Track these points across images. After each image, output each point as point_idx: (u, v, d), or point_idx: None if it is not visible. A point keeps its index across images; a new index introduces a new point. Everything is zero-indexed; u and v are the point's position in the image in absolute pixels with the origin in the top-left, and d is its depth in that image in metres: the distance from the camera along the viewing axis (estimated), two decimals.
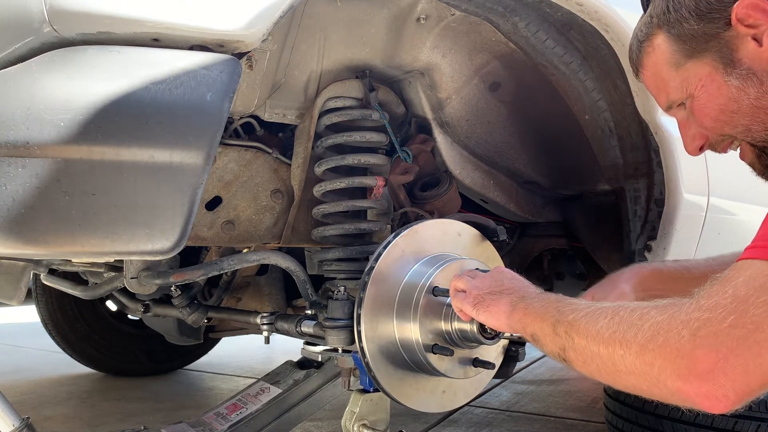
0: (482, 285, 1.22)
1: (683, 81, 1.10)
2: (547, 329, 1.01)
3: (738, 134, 1.09)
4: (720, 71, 1.05)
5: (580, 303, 1.01)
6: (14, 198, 0.98)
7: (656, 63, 1.13)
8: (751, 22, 1.00)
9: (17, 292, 1.40)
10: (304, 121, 1.67)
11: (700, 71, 1.07)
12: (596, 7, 1.52)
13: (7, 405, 1.46)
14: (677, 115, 1.17)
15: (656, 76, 1.15)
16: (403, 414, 2.54)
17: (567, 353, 0.97)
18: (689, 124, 1.15)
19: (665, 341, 0.82)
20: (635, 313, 0.89)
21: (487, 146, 1.92)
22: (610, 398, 2.29)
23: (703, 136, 1.14)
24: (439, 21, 1.59)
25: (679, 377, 0.80)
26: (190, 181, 1.08)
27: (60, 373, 3.70)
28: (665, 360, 0.82)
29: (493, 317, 1.17)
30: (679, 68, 1.10)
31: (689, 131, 1.16)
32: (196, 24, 1.09)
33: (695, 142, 1.16)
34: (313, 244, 1.78)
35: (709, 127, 1.11)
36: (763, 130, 1.05)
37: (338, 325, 1.51)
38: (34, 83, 0.99)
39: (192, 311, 2.04)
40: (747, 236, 2.21)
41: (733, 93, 1.04)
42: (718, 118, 1.08)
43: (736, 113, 1.06)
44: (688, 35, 1.06)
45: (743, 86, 1.03)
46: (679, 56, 1.09)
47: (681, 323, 0.82)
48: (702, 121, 1.11)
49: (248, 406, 1.90)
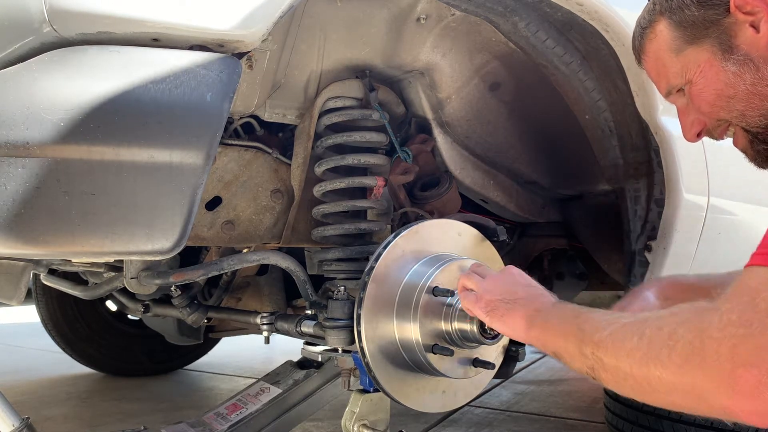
0: (494, 289, 1.20)
1: (683, 66, 1.12)
2: (572, 349, 1.00)
3: (733, 119, 1.11)
4: (718, 57, 1.07)
5: (599, 317, 1.00)
6: (14, 198, 0.97)
7: (658, 49, 1.15)
8: (749, 9, 1.02)
9: (17, 292, 1.40)
10: (304, 121, 1.67)
11: (700, 57, 1.09)
12: (596, 7, 1.52)
13: (7, 405, 1.46)
14: (677, 102, 1.19)
15: (657, 62, 1.17)
16: (403, 414, 2.54)
17: (597, 373, 0.96)
18: (688, 110, 1.17)
19: (703, 361, 0.80)
20: (662, 331, 0.87)
21: (487, 146, 1.92)
22: (610, 398, 2.29)
23: (701, 122, 1.16)
24: (439, 21, 1.59)
25: (724, 396, 0.79)
26: (189, 181, 1.08)
27: (60, 373, 3.70)
28: (707, 380, 0.80)
29: (509, 329, 1.16)
30: (680, 54, 1.12)
31: (688, 117, 1.18)
32: (196, 24, 1.08)
33: (693, 128, 1.17)
34: (313, 244, 1.78)
35: (706, 112, 1.13)
36: (757, 116, 1.07)
37: (338, 325, 1.51)
38: (33, 83, 0.99)
39: (192, 311, 2.04)
40: (747, 236, 2.21)
41: (730, 78, 1.06)
42: (714, 103, 1.10)
43: (732, 98, 1.08)
44: (689, 21, 1.09)
45: (740, 72, 1.05)
46: (680, 42, 1.11)
47: (715, 342, 0.80)
48: (699, 105, 1.13)
49: (248, 406, 1.90)
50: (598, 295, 2.84)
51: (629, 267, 1.89)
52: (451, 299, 1.42)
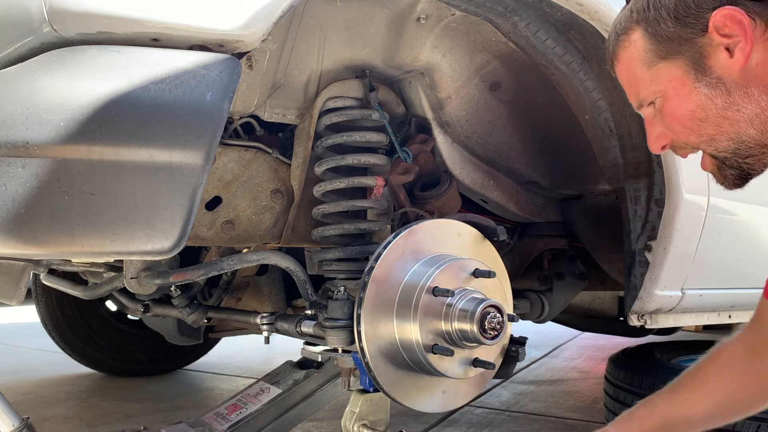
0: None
1: (653, 80, 1.11)
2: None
3: (702, 144, 1.10)
4: (691, 76, 1.06)
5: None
6: (14, 198, 0.97)
7: (631, 59, 1.14)
8: (726, 32, 1.01)
9: (17, 292, 1.40)
10: (303, 121, 1.67)
11: (672, 73, 1.08)
12: (596, 7, 1.52)
13: (6, 405, 1.46)
14: (645, 113, 1.18)
15: (629, 72, 1.16)
16: (403, 414, 2.54)
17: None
18: (655, 122, 1.16)
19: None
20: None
21: (487, 146, 1.92)
22: (610, 398, 2.29)
23: (668, 137, 1.15)
24: (439, 21, 1.59)
25: None
26: (189, 181, 1.08)
27: (60, 373, 3.70)
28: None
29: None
30: (651, 67, 1.11)
31: (655, 129, 1.16)
32: (196, 24, 1.08)
33: (659, 141, 1.16)
34: (313, 244, 1.78)
35: (676, 131, 1.12)
36: (726, 140, 1.07)
37: (338, 325, 1.51)
38: (33, 83, 0.99)
39: (192, 311, 2.04)
40: (747, 236, 2.21)
41: (702, 100, 1.06)
42: (686, 125, 1.09)
43: (703, 121, 1.07)
44: (664, 36, 1.07)
45: (712, 95, 1.04)
46: (652, 56, 1.10)
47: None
48: (671, 124, 1.12)
49: (248, 406, 1.90)
50: (598, 295, 2.85)
51: (629, 267, 1.89)
52: (451, 299, 1.42)
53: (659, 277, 1.85)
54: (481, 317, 1.39)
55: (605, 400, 2.35)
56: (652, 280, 1.86)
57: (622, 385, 2.22)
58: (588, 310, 2.90)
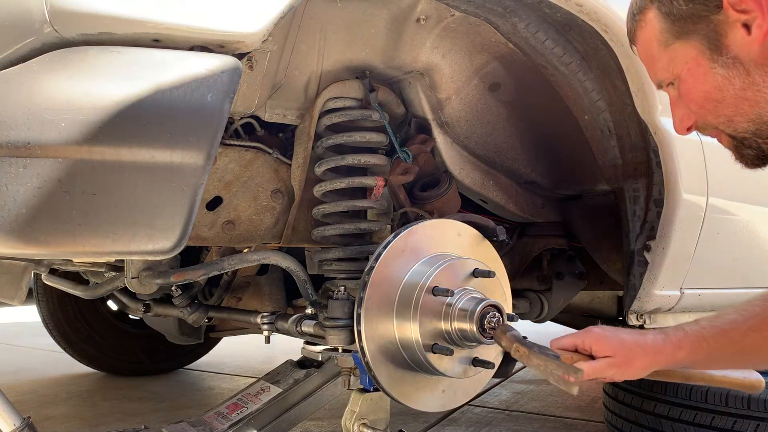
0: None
1: (670, 61, 1.09)
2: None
3: (720, 124, 1.08)
4: (706, 56, 1.03)
5: None
6: (15, 198, 0.98)
7: (647, 39, 1.12)
8: (743, 8, 0.97)
9: (18, 292, 1.41)
10: (304, 121, 1.68)
11: (687, 53, 1.05)
12: (595, 8, 1.52)
13: (7, 405, 1.47)
14: (669, 93, 1.16)
15: (647, 52, 1.14)
16: (403, 413, 2.54)
17: None
18: (679, 104, 1.13)
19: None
20: None
21: (486, 146, 1.92)
22: (609, 397, 2.29)
23: (692, 117, 1.13)
24: (439, 21, 1.59)
25: None
26: (190, 181, 1.09)
27: (61, 372, 3.71)
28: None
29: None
30: (667, 48, 1.08)
31: (678, 111, 1.15)
32: (197, 25, 1.09)
33: (684, 122, 1.14)
34: (313, 244, 1.79)
35: (695, 111, 1.10)
36: (745, 122, 1.04)
37: (338, 325, 1.52)
38: (35, 84, 1.00)
39: (192, 311, 2.05)
40: (746, 236, 2.21)
41: (719, 81, 1.02)
42: (703, 105, 1.07)
43: (720, 103, 1.04)
44: (678, 15, 1.04)
45: (729, 75, 1.01)
46: (667, 35, 1.07)
47: None
48: (689, 104, 1.10)
49: (249, 406, 1.91)
50: (597, 295, 2.85)
51: (628, 267, 1.89)
52: (451, 299, 1.42)
53: (658, 277, 1.85)
54: (480, 317, 1.39)
55: (604, 399, 2.36)
56: (651, 280, 1.86)
57: (620, 384, 2.23)
58: (587, 310, 2.91)
